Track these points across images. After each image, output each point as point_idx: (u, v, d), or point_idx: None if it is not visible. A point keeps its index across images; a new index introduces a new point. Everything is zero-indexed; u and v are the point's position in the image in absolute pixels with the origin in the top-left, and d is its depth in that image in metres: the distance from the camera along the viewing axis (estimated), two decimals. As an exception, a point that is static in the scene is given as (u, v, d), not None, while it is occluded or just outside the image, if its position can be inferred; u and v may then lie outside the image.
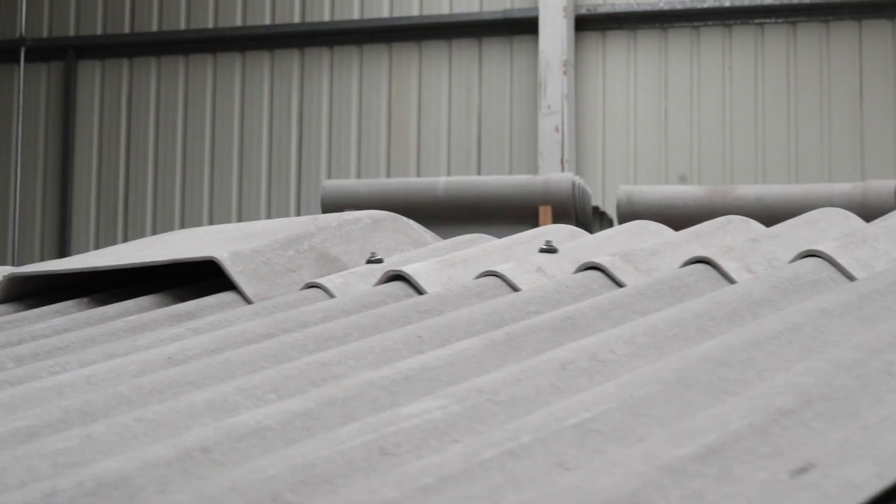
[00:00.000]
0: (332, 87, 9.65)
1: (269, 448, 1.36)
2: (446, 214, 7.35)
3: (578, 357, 1.52)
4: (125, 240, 9.91)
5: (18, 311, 2.59)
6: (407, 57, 9.54)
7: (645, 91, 9.12)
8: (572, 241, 2.47)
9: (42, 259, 9.90)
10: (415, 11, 9.51)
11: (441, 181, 7.43)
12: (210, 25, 9.89)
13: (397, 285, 2.22)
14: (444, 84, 9.44)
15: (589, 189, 7.54)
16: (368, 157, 9.53)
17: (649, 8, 9.09)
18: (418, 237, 2.68)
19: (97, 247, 9.94)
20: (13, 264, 9.56)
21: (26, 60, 10.13)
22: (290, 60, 9.75)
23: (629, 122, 9.12)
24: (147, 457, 1.30)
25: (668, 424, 1.29)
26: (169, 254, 2.43)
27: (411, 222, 2.72)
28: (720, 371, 1.40)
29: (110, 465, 1.27)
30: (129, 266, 2.42)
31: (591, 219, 7.59)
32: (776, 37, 8.96)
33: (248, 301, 2.34)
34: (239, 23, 9.83)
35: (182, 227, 9.82)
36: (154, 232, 9.84)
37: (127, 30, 10.06)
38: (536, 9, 9.15)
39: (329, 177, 9.57)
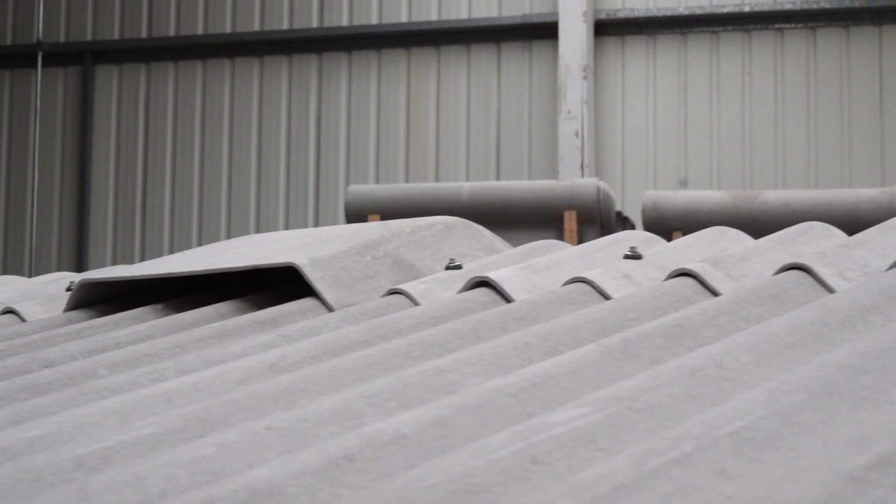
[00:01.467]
0: (350, 92, 9.65)
1: (409, 456, 1.35)
2: (470, 220, 7.34)
3: (706, 364, 1.51)
4: (143, 246, 9.90)
5: (92, 317, 2.58)
6: (425, 62, 9.54)
7: (664, 96, 9.12)
8: (651, 247, 2.47)
9: (60, 266, 9.89)
10: (433, 16, 9.51)
11: (465, 186, 7.43)
12: (228, 30, 9.89)
13: (483, 292, 2.21)
14: (462, 89, 9.44)
15: (612, 194, 7.54)
16: (387, 162, 9.52)
17: (669, 13, 9.09)
18: (489, 243, 2.68)
19: (115, 253, 9.93)
20: (30, 273, 9.55)
21: (44, 65, 10.12)
22: (309, 65, 9.75)
23: (648, 127, 9.12)
24: (295, 465, 1.29)
25: (817, 433, 1.29)
26: (247, 260, 2.42)
27: (481, 228, 2.72)
28: (859, 378, 1.39)
29: (259, 475, 1.26)
30: (207, 272, 2.41)
31: (614, 223, 7.58)
32: (796, 42, 8.96)
33: (328, 307, 2.33)
34: (257, 27, 9.83)
35: (200, 233, 9.81)
36: (172, 238, 9.84)
37: (144, 34, 10.06)
38: (556, 14, 9.15)
39: (347, 182, 9.56)
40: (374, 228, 2.60)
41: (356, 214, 7.46)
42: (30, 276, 5.00)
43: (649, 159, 9.10)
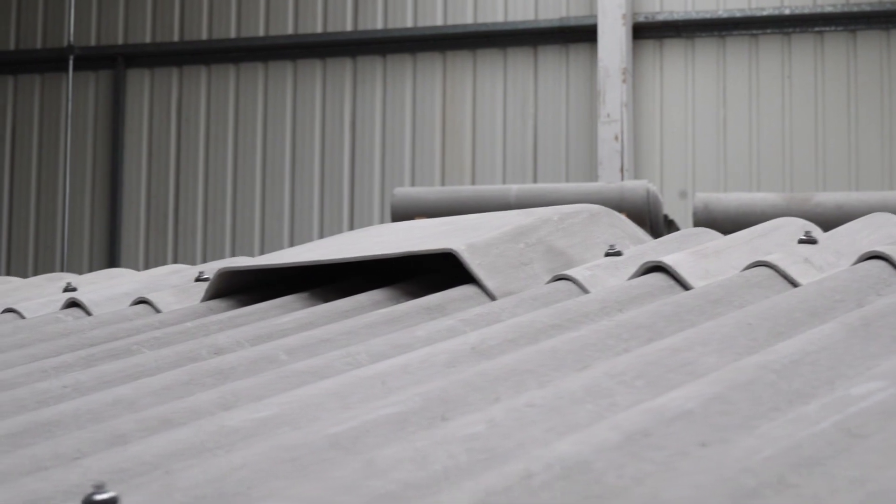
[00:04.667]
0: (385, 96, 9.59)
1: (697, 431, 1.30)
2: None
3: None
4: (175, 250, 9.84)
5: (233, 306, 2.52)
6: (461, 65, 9.49)
7: (703, 99, 9.07)
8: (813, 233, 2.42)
9: (92, 268, 9.81)
10: (469, 19, 9.46)
11: (513, 189, 7.36)
12: (261, 34, 9.83)
13: (658, 277, 2.16)
14: (498, 93, 9.39)
15: (661, 196, 7.47)
16: (422, 166, 9.47)
17: (707, 16, 9.04)
18: (633, 232, 2.62)
19: (147, 257, 9.86)
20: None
21: (75, 69, 10.06)
22: (343, 69, 9.69)
23: (687, 130, 9.07)
24: (594, 441, 1.23)
25: None
26: (401, 247, 2.36)
27: (623, 217, 2.66)
28: None
29: (565, 450, 1.20)
30: (360, 259, 2.36)
31: (662, 226, 7.53)
32: (836, 45, 8.92)
33: (489, 294, 2.28)
34: (290, 31, 9.78)
35: (233, 237, 9.75)
36: (204, 243, 9.77)
37: (176, 38, 10.00)
38: (593, 17, 9.10)
39: (382, 187, 9.51)
40: (519, 216, 2.55)
41: (403, 216, 7.38)
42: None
43: (688, 163, 9.05)
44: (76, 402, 1.75)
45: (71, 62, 10.03)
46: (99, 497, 1.22)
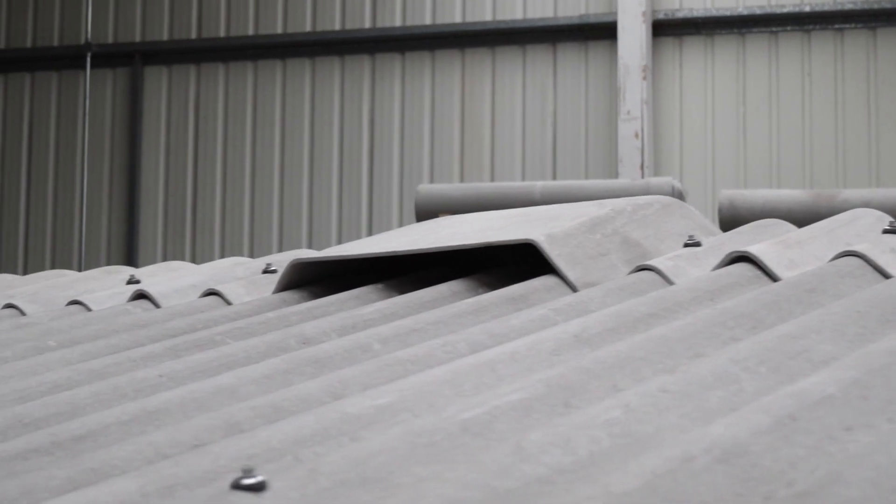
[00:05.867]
0: (403, 93, 9.58)
1: (841, 416, 1.29)
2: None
3: None
4: (193, 248, 9.83)
5: (306, 298, 2.52)
6: (480, 63, 9.48)
7: (722, 97, 9.07)
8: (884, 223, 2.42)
9: (109, 265, 9.79)
10: (488, 17, 9.45)
11: (538, 185, 7.35)
12: (279, 31, 9.83)
13: (744, 267, 2.15)
14: (517, 90, 9.38)
15: (685, 193, 7.46)
16: (441, 164, 9.46)
17: (727, 13, 9.03)
18: (703, 223, 2.62)
19: (165, 254, 9.86)
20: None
21: (92, 66, 10.05)
22: (361, 66, 9.68)
23: (706, 127, 9.07)
24: (746, 425, 1.23)
25: None
26: (479, 238, 2.36)
27: (692, 208, 2.66)
28: None
29: (719, 432, 1.20)
30: (439, 250, 2.35)
31: (686, 223, 7.54)
32: (855, 42, 8.91)
33: (570, 285, 2.27)
34: (308, 28, 9.77)
35: (251, 234, 9.74)
36: (223, 241, 9.76)
37: (194, 35, 9.99)
38: (613, 14, 9.09)
39: (401, 184, 9.50)
40: (591, 207, 2.54)
41: (427, 214, 7.37)
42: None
43: (707, 160, 9.05)
44: (178, 390, 1.74)
45: (88, 60, 10.03)
46: (248, 481, 1.22)
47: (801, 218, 7.23)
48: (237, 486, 1.21)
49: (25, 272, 9.85)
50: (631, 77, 8.86)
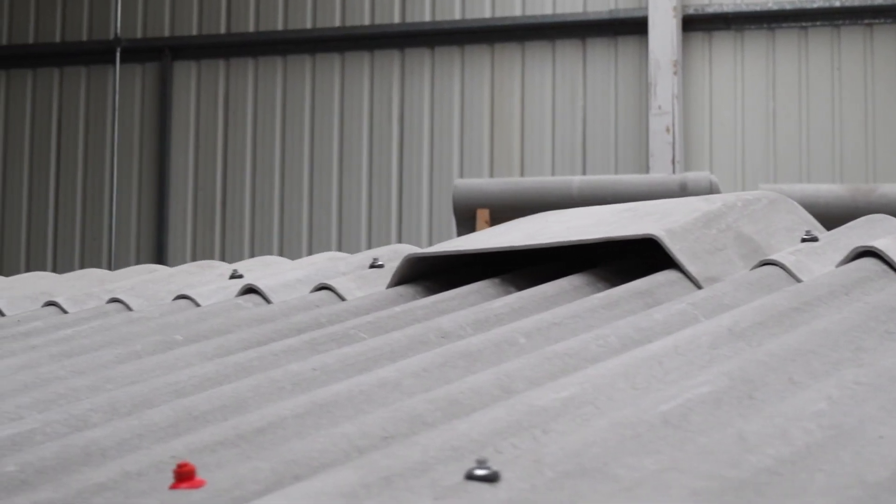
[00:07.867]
0: (433, 88, 9.61)
1: None
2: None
3: None
4: (223, 242, 9.86)
5: (423, 292, 2.55)
6: (509, 58, 9.51)
7: (752, 92, 9.10)
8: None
9: (139, 262, 9.84)
10: (517, 12, 9.48)
11: (575, 180, 7.38)
12: (308, 26, 9.85)
13: (869, 261, 2.18)
14: (547, 85, 9.41)
15: (720, 188, 7.50)
16: (471, 159, 9.49)
17: (757, 8, 9.06)
18: (808, 218, 2.65)
19: (195, 250, 9.89)
20: (109, 268, 9.49)
21: (121, 61, 10.08)
22: (391, 61, 9.71)
23: (736, 123, 9.09)
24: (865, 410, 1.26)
25: None
26: (596, 232, 2.39)
27: (796, 203, 2.69)
28: None
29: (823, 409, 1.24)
30: (558, 244, 2.38)
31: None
32: (885, 37, 8.94)
33: (691, 279, 2.30)
34: (338, 23, 9.80)
35: (281, 229, 9.77)
36: (252, 235, 9.80)
37: (223, 30, 10.02)
38: (643, 9, 9.12)
39: (431, 179, 9.53)
40: (701, 202, 2.57)
41: (465, 209, 7.40)
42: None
43: (737, 155, 9.08)
44: (340, 384, 1.77)
45: (118, 55, 10.05)
46: (481, 472, 1.25)
47: (839, 213, 7.26)
48: (472, 476, 1.24)
49: (55, 268, 9.88)
50: (662, 72, 8.89)
